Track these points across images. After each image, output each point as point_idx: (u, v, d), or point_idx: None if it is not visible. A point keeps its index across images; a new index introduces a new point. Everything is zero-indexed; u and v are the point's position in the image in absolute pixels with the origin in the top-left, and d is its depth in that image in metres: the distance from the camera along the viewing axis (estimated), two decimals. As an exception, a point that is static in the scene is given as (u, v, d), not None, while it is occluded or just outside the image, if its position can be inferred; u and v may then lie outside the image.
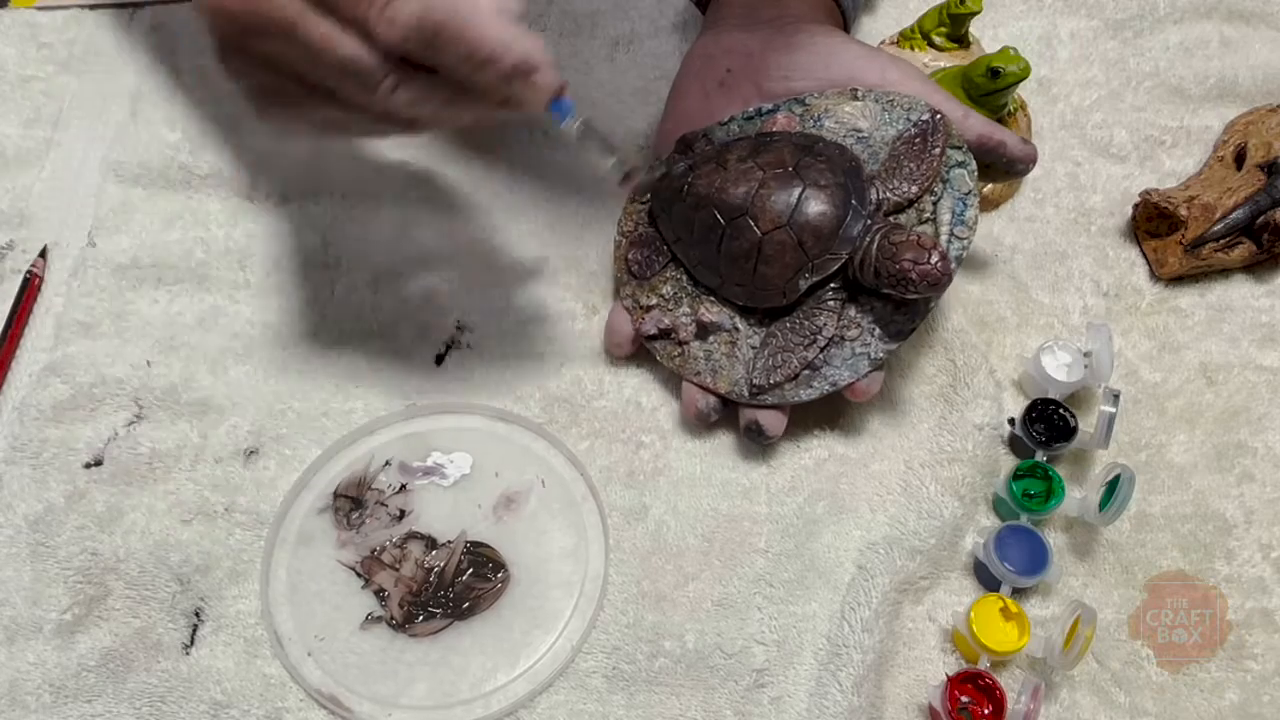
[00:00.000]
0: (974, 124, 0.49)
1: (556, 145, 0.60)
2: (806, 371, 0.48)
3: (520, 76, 0.37)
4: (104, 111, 0.61)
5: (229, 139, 0.60)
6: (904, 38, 0.63)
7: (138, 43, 0.63)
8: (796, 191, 0.46)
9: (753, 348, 0.49)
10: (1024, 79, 0.54)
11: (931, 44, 0.61)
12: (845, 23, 0.59)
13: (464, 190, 0.58)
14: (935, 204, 0.47)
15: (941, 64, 0.60)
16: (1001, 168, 0.51)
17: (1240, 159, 0.59)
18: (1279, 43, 0.65)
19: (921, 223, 0.47)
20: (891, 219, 0.47)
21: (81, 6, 0.65)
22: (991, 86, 0.55)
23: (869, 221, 0.46)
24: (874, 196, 0.47)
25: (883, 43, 0.64)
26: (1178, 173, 0.61)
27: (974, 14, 0.59)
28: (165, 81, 0.62)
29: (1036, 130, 0.62)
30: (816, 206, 0.46)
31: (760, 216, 0.47)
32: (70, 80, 0.62)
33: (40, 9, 0.65)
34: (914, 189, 0.47)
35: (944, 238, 0.47)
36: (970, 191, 0.47)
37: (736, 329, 0.50)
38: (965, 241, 0.47)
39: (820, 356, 0.48)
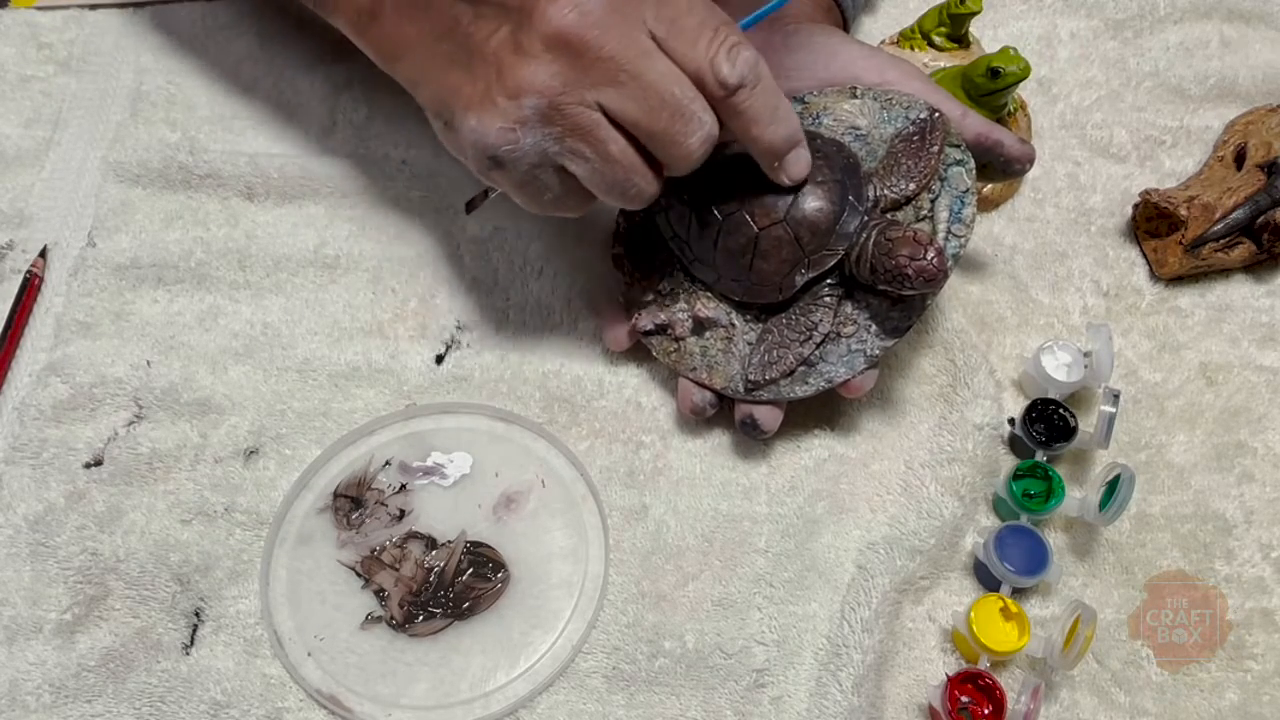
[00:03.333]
0: (972, 123, 0.49)
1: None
2: (802, 368, 0.48)
3: (793, 145, 0.44)
4: (104, 111, 0.61)
5: (229, 139, 0.60)
6: (904, 38, 0.63)
7: (138, 43, 0.63)
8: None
9: (749, 344, 0.49)
10: (1024, 79, 0.54)
11: (931, 44, 0.61)
12: (845, 22, 0.59)
13: (464, 190, 0.58)
14: (933, 202, 0.48)
15: (941, 64, 0.60)
16: (999, 167, 0.51)
17: (1240, 159, 0.59)
18: (1279, 43, 0.65)
19: (919, 220, 0.48)
20: (889, 216, 0.47)
21: (81, 6, 0.65)
22: (991, 86, 0.55)
23: (866, 218, 0.46)
24: (871, 193, 0.47)
25: (883, 43, 0.64)
26: (1178, 173, 0.61)
27: (974, 14, 0.59)
28: (165, 81, 0.62)
29: (1036, 130, 0.62)
30: (813, 202, 0.46)
31: (756, 212, 0.47)
32: (70, 80, 0.62)
33: (40, 9, 0.65)
34: (912, 186, 0.47)
35: (941, 235, 0.47)
36: (968, 190, 0.47)
37: (733, 325, 0.50)
38: (963, 239, 0.47)
39: (816, 353, 0.48)
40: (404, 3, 0.44)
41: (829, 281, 0.48)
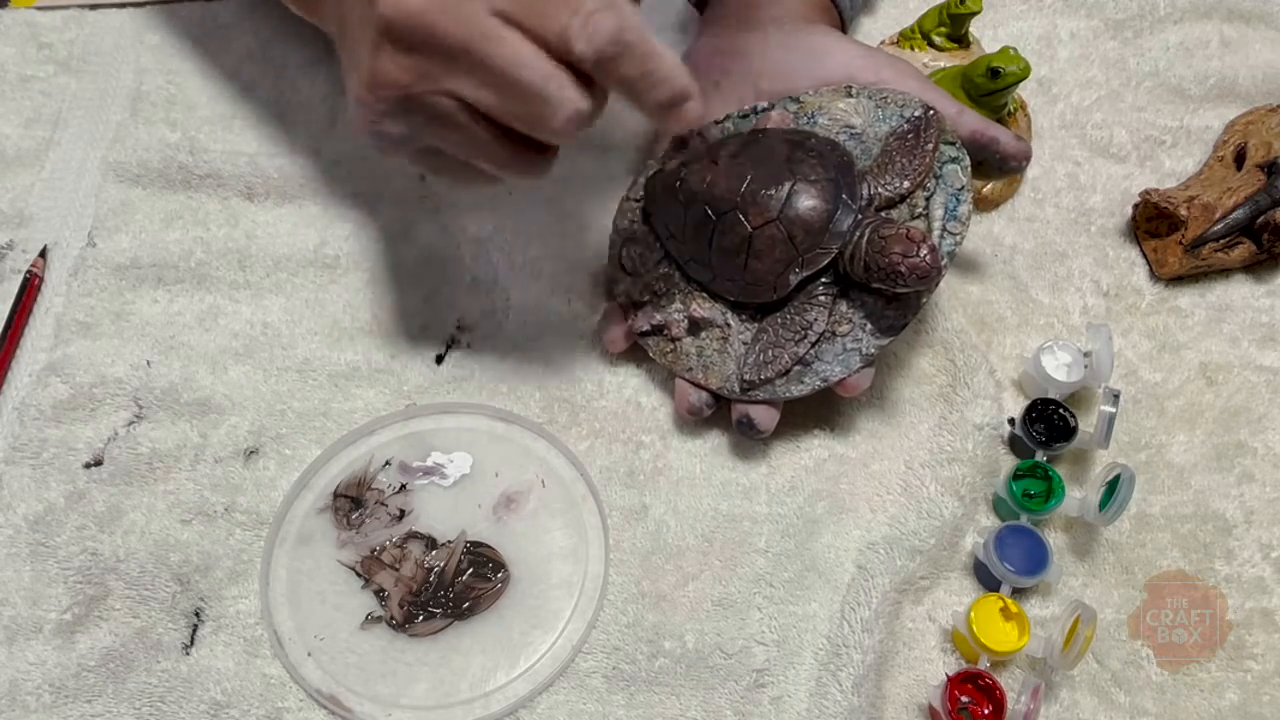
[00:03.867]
0: (967, 120, 0.49)
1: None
2: (798, 367, 0.48)
3: (678, 103, 0.40)
4: (104, 111, 0.61)
5: (229, 139, 0.60)
6: (904, 38, 0.63)
7: (138, 43, 0.63)
8: (787, 186, 0.46)
9: (744, 343, 0.49)
10: (1024, 79, 0.54)
11: (931, 44, 0.61)
12: (843, 23, 0.59)
13: (464, 190, 0.58)
14: (928, 199, 0.47)
15: (941, 64, 0.60)
16: (995, 165, 0.50)
17: (1240, 159, 0.59)
18: (1279, 43, 0.65)
19: (914, 218, 0.48)
20: (884, 214, 0.47)
21: (81, 6, 0.65)
22: (991, 86, 0.55)
23: (860, 216, 0.46)
24: (865, 192, 0.47)
25: (882, 43, 0.64)
26: (1178, 173, 0.61)
27: (974, 14, 0.59)
28: (165, 81, 0.62)
29: (1036, 130, 0.62)
30: (807, 201, 0.46)
31: (750, 211, 0.47)
32: (70, 80, 0.62)
33: (40, 9, 0.65)
34: (906, 184, 0.47)
35: (936, 233, 0.47)
36: (963, 187, 0.47)
37: (728, 325, 0.50)
38: (958, 237, 0.47)
39: (812, 352, 0.48)
40: None
41: (824, 280, 0.48)
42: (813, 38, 0.52)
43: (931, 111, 0.48)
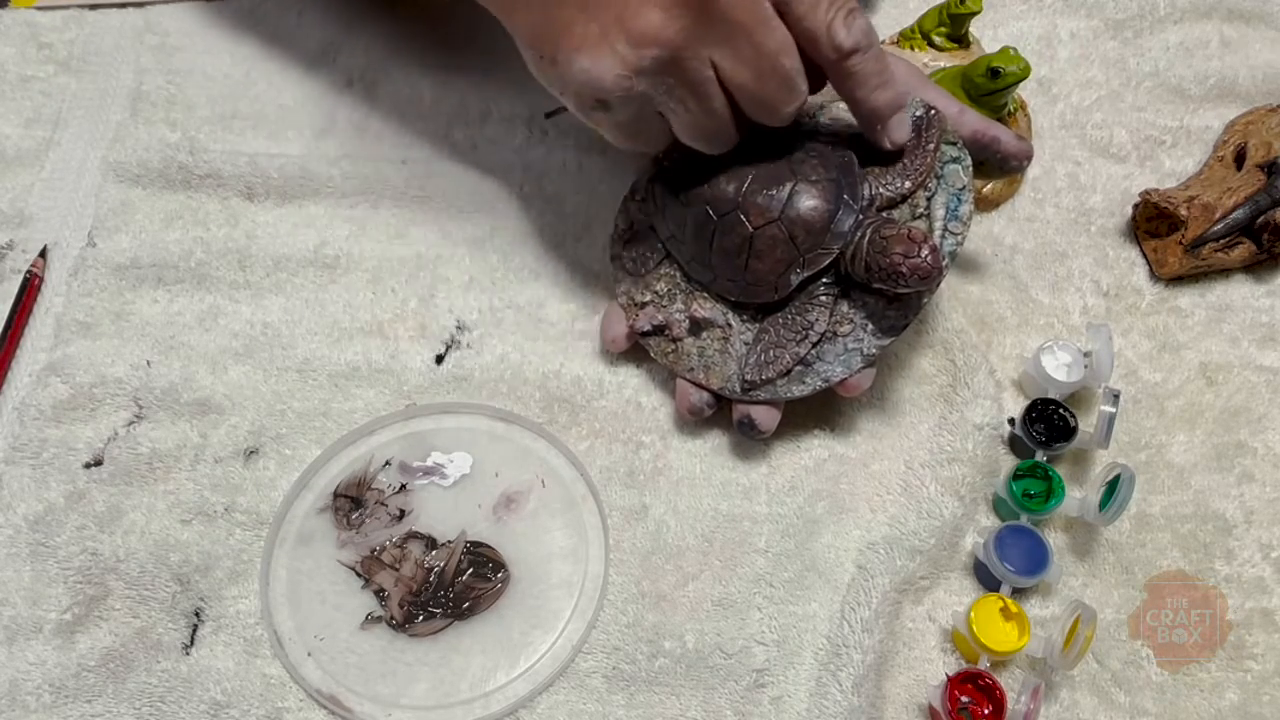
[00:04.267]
0: (969, 120, 0.49)
1: (556, 145, 0.60)
2: (799, 367, 0.48)
3: (897, 107, 0.45)
4: (104, 111, 0.61)
5: (229, 139, 0.60)
6: (904, 38, 0.63)
7: (138, 43, 0.63)
8: (788, 186, 0.46)
9: (745, 344, 0.49)
10: (1024, 79, 0.54)
11: (931, 44, 0.61)
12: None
13: (464, 190, 0.58)
14: (929, 199, 0.47)
15: (941, 64, 0.60)
16: (996, 164, 0.50)
17: (1240, 159, 0.59)
18: (1279, 43, 0.65)
19: (915, 218, 0.47)
20: (885, 214, 0.47)
21: (81, 6, 0.65)
22: (991, 86, 0.55)
23: (861, 216, 0.46)
24: (867, 192, 0.47)
25: (882, 43, 0.64)
26: (1178, 173, 0.61)
27: (974, 14, 0.59)
28: (165, 81, 0.62)
29: (1036, 130, 0.62)
30: (808, 201, 0.46)
31: (751, 211, 0.47)
32: (70, 80, 0.62)
33: (40, 9, 0.65)
34: (908, 184, 0.47)
35: (938, 233, 0.47)
36: (965, 187, 0.47)
37: (729, 325, 0.50)
38: (959, 237, 0.47)
39: (813, 352, 0.48)
40: None
41: (825, 281, 0.47)
42: None
43: (933, 111, 0.48)
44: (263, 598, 0.47)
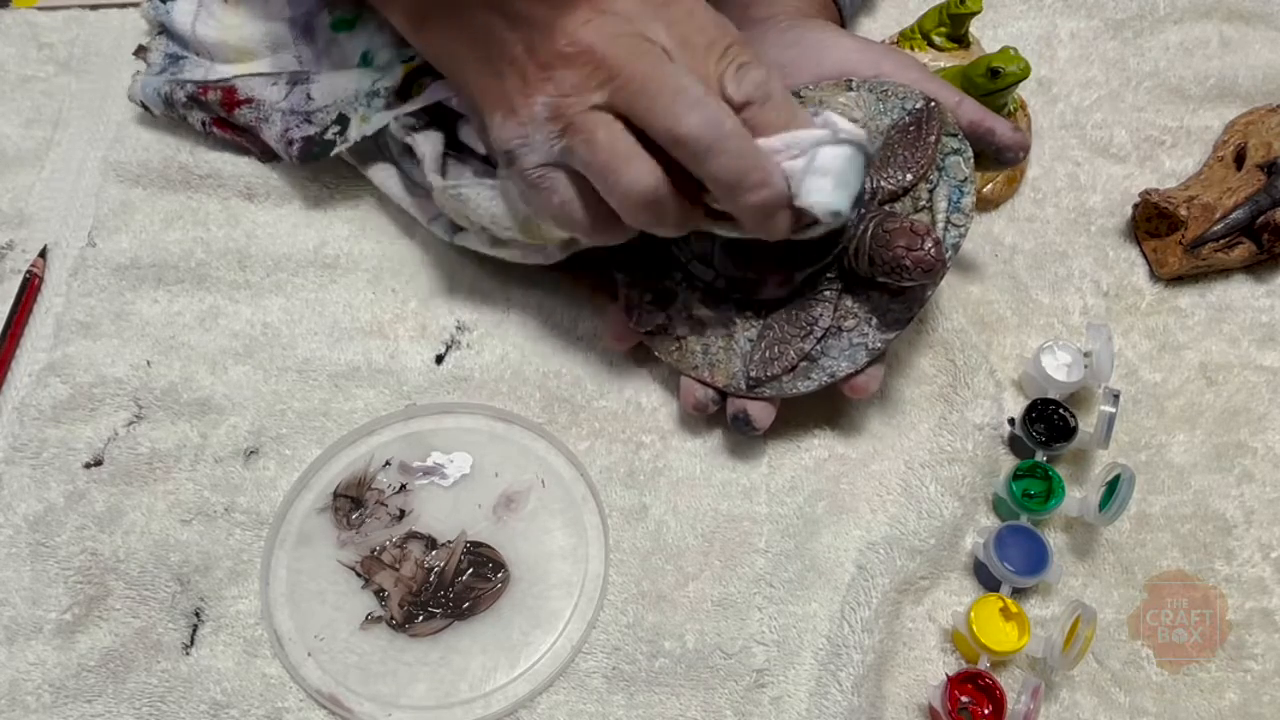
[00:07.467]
0: (966, 110, 0.49)
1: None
2: (804, 363, 0.48)
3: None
4: (104, 111, 0.61)
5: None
6: (904, 38, 0.63)
7: (138, 43, 0.63)
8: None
9: (749, 341, 0.49)
10: (1024, 79, 0.54)
11: (931, 44, 0.61)
12: (842, 20, 0.59)
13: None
14: (931, 192, 0.47)
15: (941, 64, 0.60)
16: (992, 156, 0.50)
17: (1240, 159, 0.59)
18: (1279, 43, 0.65)
19: (917, 211, 0.47)
20: (886, 207, 0.47)
21: (82, 6, 0.65)
22: (991, 86, 0.55)
23: (863, 210, 0.46)
24: (868, 185, 0.47)
25: (882, 42, 0.64)
26: (1178, 173, 0.61)
27: (974, 14, 0.59)
28: (165, 81, 0.62)
29: (1036, 130, 0.62)
30: None
31: None
32: (70, 80, 0.62)
33: (41, 9, 0.65)
34: (909, 176, 0.47)
35: (940, 225, 0.47)
36: (966, 179, 0.47)
37: (733, 322, 0.50)
38: (962, 229, 0.47)
39: (817, 348, 0.48)
40: (445, 13, 0.46)
41: (828, 276, 0.47)
42: (810, 33, 0.52)
43: (933, 104, 0.48)
44: (263, 598, 0.47)
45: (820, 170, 0.41)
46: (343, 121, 0.55)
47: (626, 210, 0.42)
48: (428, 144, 0.51)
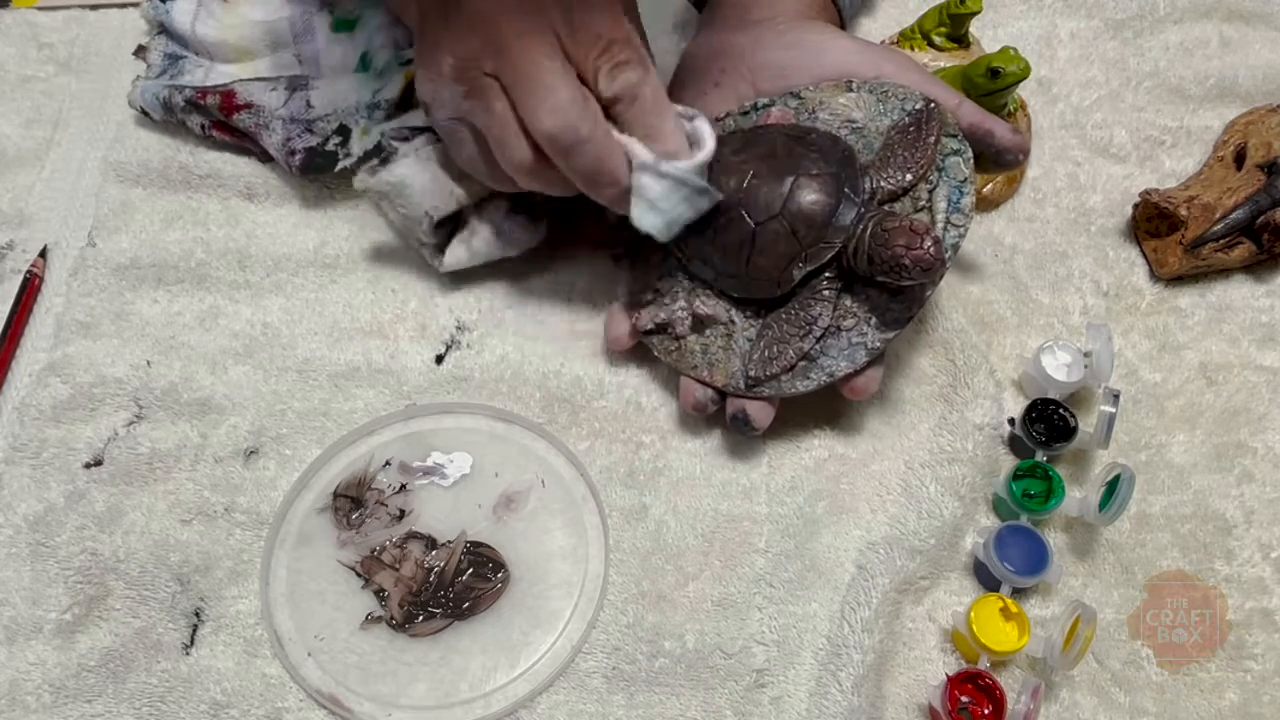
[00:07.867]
0: (966, 111, 0.49)
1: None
2: (803, 363, 0.48)
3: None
4: (104, 111, 0.61)
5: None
6: (904, 38, 0.63)
7: (138, 43, 0.63)
8: (789, 181, 0.46)
9: (749, 340, 0.49)
10: (1024, 79, 0.54)
11: (931, 44, 0.61)
12: (842, 21, 0.59)
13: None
14: (931, 192, 0.47)
15: (941, 64, 0.60)
16: (991, 158, 0.50)
17: (1240, 159, 0.59)
18: (1279, 43, 0.65)
19: (917, 211, 0.47)
20: (886, 207, 0.47)
21: (82, 6, 0.65)
22: (991, 86, 0.55)
23: (862, 210, 0.46)
24: (868, 185, 0.47)
25: (882, 43, 0.64)
26: (1178, 173, 0.61)
27: (974, 14, 0.59)
28: (165, 81, 0.62)
29: (1036, 130, 0.62)
30: (809, 195, 0.46)
31: (753, 207, 0.47)
32: (70, 80, 0.62)
33: (41, 9, 0.65)
34: (909, 177, 0.47)
35: (940, 225, 0.47)
36: (966, 179, 0.47)
37: (732, 321, 0.50)
38: (962, 229, 0.47)
39: (817, 347, 0.48)
40: None
41: (827, 275, 0.48)
42: (810, 34, 0.52)
43: (933, 104, 0.48)
44: (263, 598, 0.47)
45: (637, 191, 0.45)
46: (344, 132, 0.55)
47: (514, 174, 0.46)
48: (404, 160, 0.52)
